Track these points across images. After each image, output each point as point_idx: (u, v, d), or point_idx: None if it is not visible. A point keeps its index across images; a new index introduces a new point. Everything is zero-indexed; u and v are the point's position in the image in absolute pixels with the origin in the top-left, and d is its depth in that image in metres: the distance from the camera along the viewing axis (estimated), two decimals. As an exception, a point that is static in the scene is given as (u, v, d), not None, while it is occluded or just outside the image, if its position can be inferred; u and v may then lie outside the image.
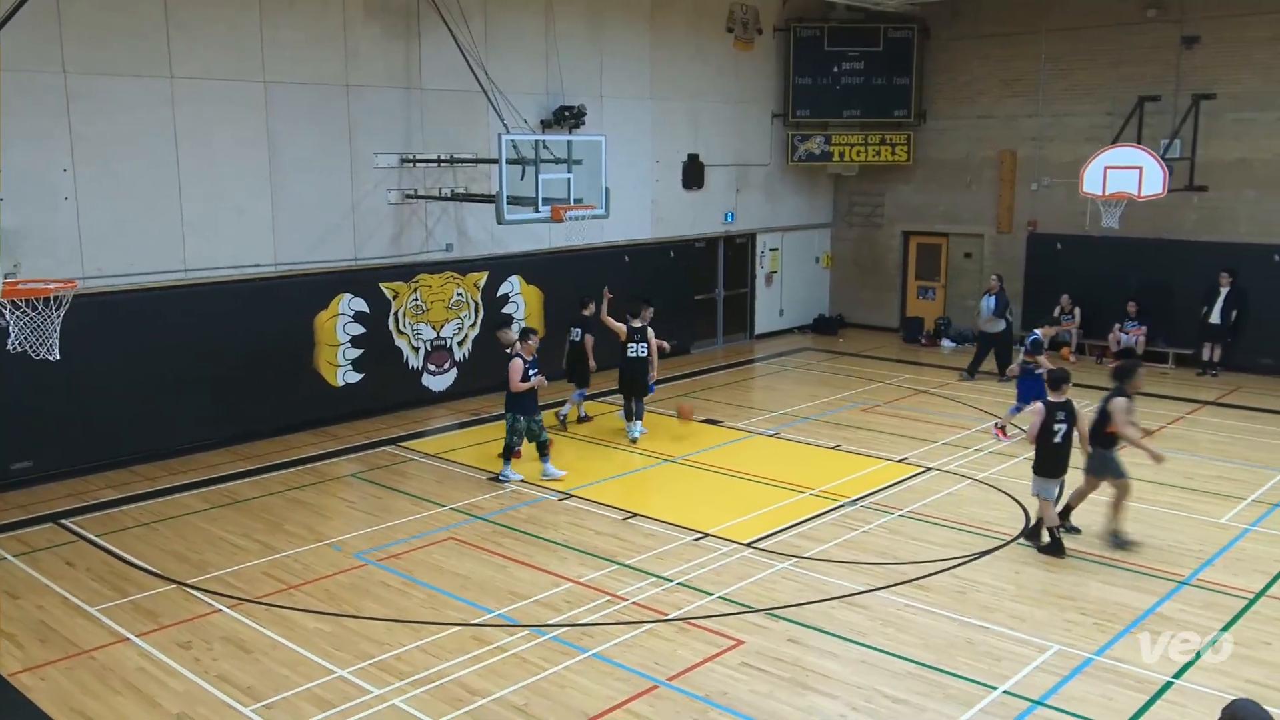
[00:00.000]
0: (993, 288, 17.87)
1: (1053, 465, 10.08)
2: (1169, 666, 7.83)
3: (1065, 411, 10.04)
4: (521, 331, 12.64)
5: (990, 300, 17.68)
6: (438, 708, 7.31)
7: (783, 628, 8.57)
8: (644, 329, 14.14)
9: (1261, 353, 18.02)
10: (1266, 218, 17.91)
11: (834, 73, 21.34)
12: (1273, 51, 17.51)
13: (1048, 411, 10.00)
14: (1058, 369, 10.70)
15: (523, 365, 12.06)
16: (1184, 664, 7.91)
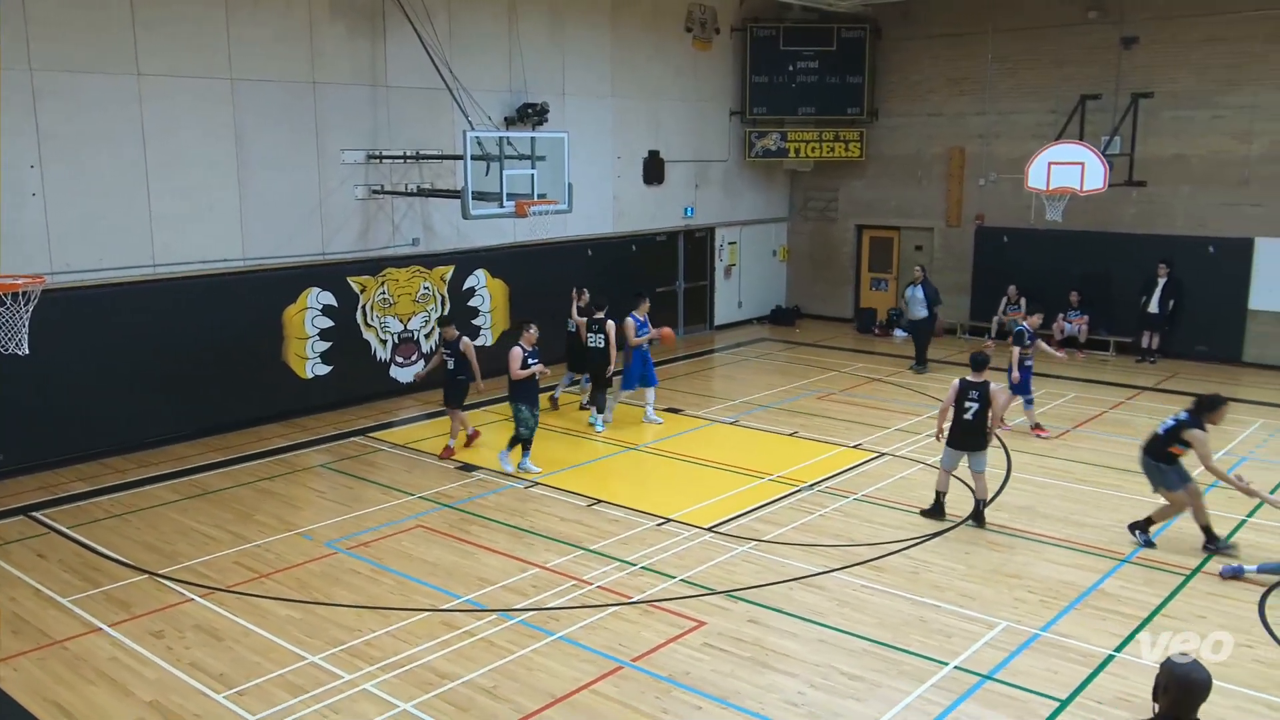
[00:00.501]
0: (918, 278, 17.94)
1: (959, 439, 10.45)
2: (1112, 641, 7.96)
3: (979, 391, 10.38)
4: (521, 322, 12.67)
5: (917, 289, 17.75)
6: (408, 691, 7.27)
7: (743, 609, 8.61)
8: (603, 320, 14.14)
9: (1197, 340, 18.33)
10: (1201, 212, 18.20)
11: (789, 71, 21.40)
12: (1207, 52, 17.77)
13: (962, 389, 10.39)
14: (978, 352, 10.97)
15: (522, 354, 12.03)
16: (1124, 637, 8.05)
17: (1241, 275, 17.85)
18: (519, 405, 12.08)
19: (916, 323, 17.92)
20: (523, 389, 12.09)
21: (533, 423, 12.14)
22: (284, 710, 7.04)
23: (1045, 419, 14.43)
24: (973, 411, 10.36)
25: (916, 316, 17.82)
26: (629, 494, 11.46)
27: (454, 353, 12.64)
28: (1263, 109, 17.38)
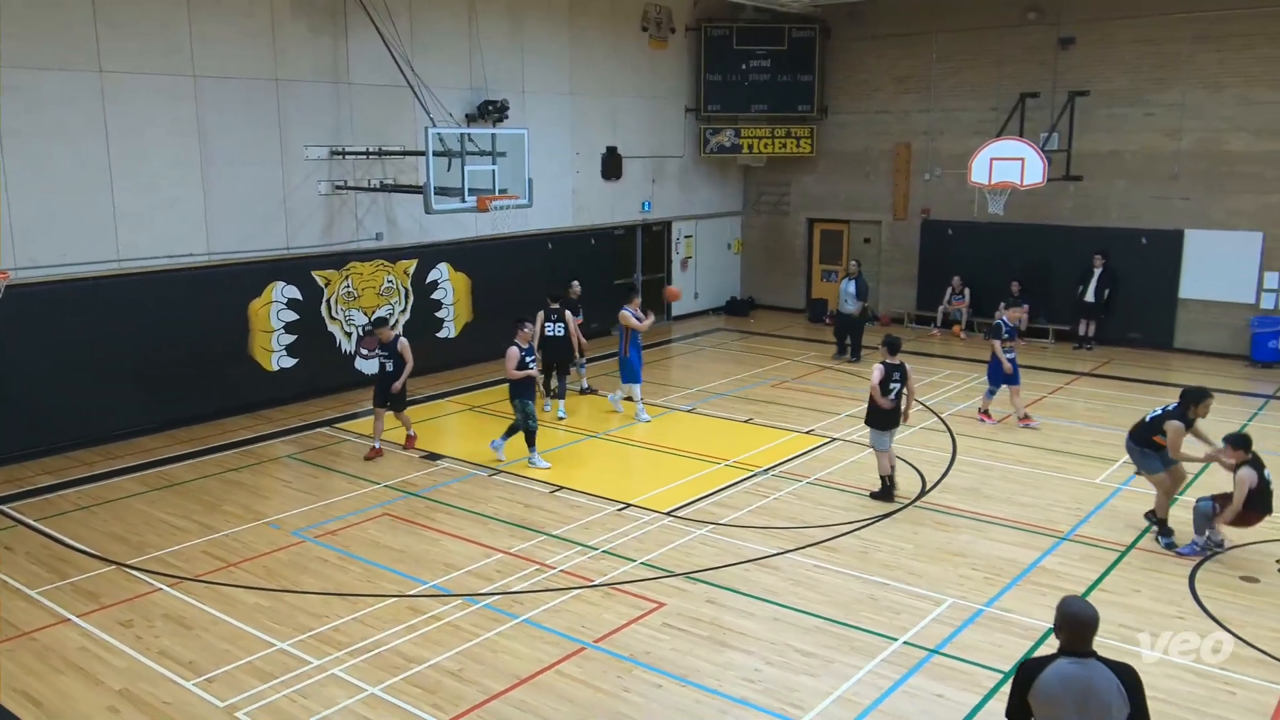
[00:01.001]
0: (852, 272, 17.89)
1: (884, 419, 10.67)
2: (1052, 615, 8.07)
3: (899, 373, 10.65)
4: (517, 319, 12.38)
5: (850, 284, 17.60)
6: (376, 675, 7.23)
7: (701, 590, 8.64)
8: (561, 310, 14.18)
9: (1131, 328, 18.66)
10: (1135, 205, 18.51)
11: (742, 70, 21.43)
12: (1139, 52, 18.05)
13: (885, 371, 10.59)
14: (892, 336, 11.13)
15: (519, 353, 11.83)
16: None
17: (1172, 265, 18.19)
18: (523, 400, 11.82)
19: (849, 316, 17.79)
20: (521, 385, 11.86)
21: (529, 417, 11.89)
22: (253, 696, 6.97)
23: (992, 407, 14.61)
24: (895, 392, 10.66)
25: (849, 310, 17.71)
26: (590, 480, 11.46)
27: (391, 354, 12.13)
28: (1190, 107, 17.70)
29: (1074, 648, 4.33)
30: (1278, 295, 17.33)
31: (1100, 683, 4.23)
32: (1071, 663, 4.30)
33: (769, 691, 7.04)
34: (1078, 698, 4.24)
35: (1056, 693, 4.27)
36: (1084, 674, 4.26)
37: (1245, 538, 9.55)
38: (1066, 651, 4.35)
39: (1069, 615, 4.36)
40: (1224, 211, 17.65)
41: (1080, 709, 4.24)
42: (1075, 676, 4.26)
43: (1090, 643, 4.35)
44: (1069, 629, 4.35)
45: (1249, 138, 17.25)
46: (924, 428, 13.48)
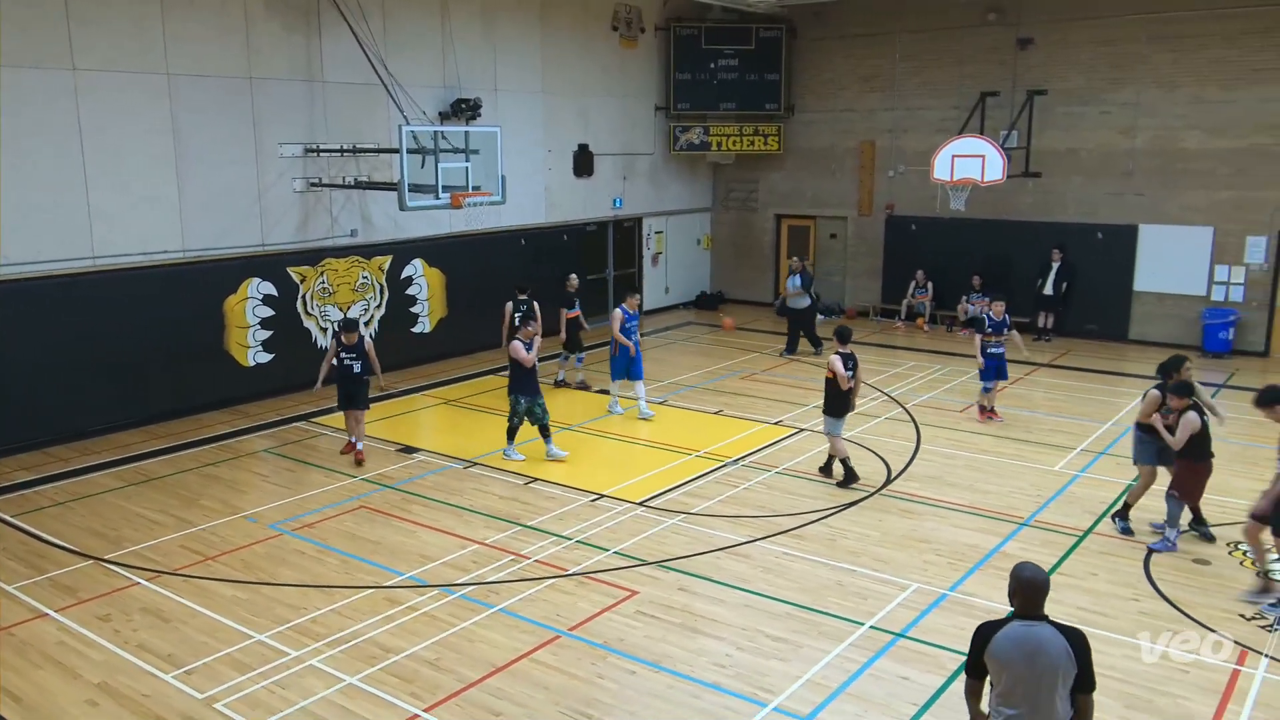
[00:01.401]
0: (796, 267, 17.76)
1: (839, 406, 10.90)
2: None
3: (852, 361, 10.90)
4: (523, 316, 12.07)
5: (795, 280, 17.50)
6: (354, 665, 7.20)
7: (673, 578, 8.67)
8: (529, 303, 14.31)
9: (1088, 320, 18.88)
10: (1091, 201, 18.71)
11: (711, 69, 21.45)
12: (1094, 53, 18.23)
13: (843, 361, 10.86)
14: (842, 326, 11.32)
15: (521, 347, 11.60)
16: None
17: (1127, 259, 18.41)
18: (518, 397, 11.64)
19: (799, 311, 17.61)
20: (522, 382, 11.64)
21: (539, 411, 11.66)
22: (232, 688, 6.92)
23: (951, 395, 14.76)
24: (850, 378, 10.91)
25: (799, 306, 17.54)
26: (564, 472, 11.45)
27: (359, 354, 11.78)
28: (1145, 106, 17.91)
29: (1026, 611, 4.56)
30: (1228, 288, 17.60)
31: (1049, 644, 4.46)
32: (1023, 625, 4.53)
33: (740, 676, 7.08)
34: (1028, 658, 4.46)
35: (1009, 652, 4.50)
36: (1034, 635, 4.49)
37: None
38: (1020, 615, 4.58)
39: (1022, 581, 4.58)
40: (1177, 207, 17.88)
41: (1030, 668, 4.46)
42: (1026, 638, 4.50)
43: (1041, 606, 4.56)
44: (1022, 594, 4.57)
45: (1201, 136, 17.48)
46: (889, 418, 13.58)
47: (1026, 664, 4.47)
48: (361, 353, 11.82)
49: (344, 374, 11.86)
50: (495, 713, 6.64)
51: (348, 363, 11.80)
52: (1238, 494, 10.62)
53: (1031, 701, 4.49)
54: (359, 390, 11.89)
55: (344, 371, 11.85)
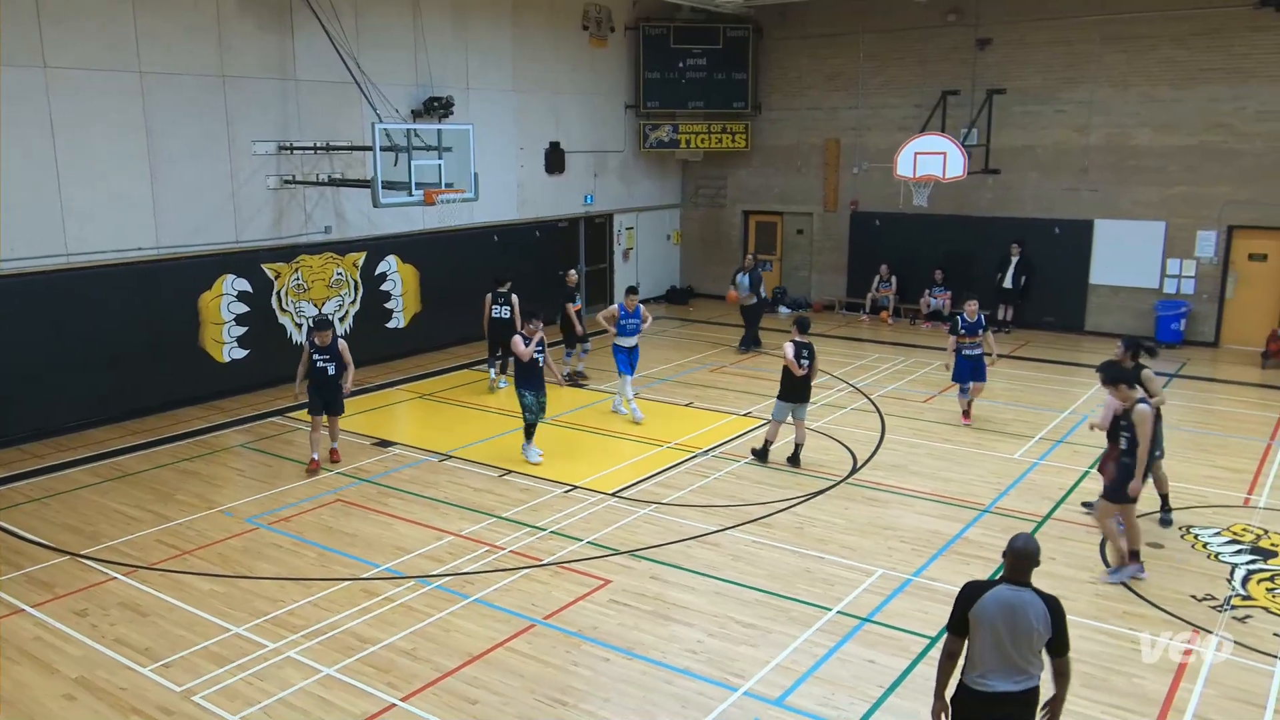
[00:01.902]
0: (747, 265, 17.61)
1: (792, 393, 11.11)
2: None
3: (809, 349, 11.06)
4: (526, 313, 11.70)
5: (744, 277, 17.27)
6: (331, 656, 7.15)
7: (645, 567, 8.68)
8: (508, 294, 14.28)
9: (1046, 312, 19.08)
10: (1048, 196, 18.90)
11: (680, 68, 21.43)
12: (1051, 53, 18.40)
13: (796, 349, 11.01)
14: (801, 315, 11.54)
15: (520, 341, 11.33)
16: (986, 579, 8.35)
17: (1083, 253, 18.63)
18: (523, 392, 11.37)
19: (747, 308, 17.36)
20: (528, 378, 11.37)
21: (537, 409, 11.40)
22: (210, 680, 6.85)
23: (914, 385, 14.87)
24: (806, 367, 11.05)
25: (749, 304, 17.32)
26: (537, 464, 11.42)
27: (333, 356, 11.11)
28: (1099, 104, 18.10)
29: (1013, 577, 4.91)
30: (1180, 280, 17.86)
31: (1028, 608, 4.81)
32: (1009, 589, 4.88)
33: (711, 661, 7.10)
34: (1008, 619, 4.81)
35: (991, 613, 4.84)
36: (1017, 599, 4.83)
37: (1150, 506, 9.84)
38: (1007, 579, 4.93)
39: (1014, 549, 4.94)
40: (1130, 202, 18.10)
41: (1009, 628, 4.80)
42: (1009, 600, 4.84)
43: (1028, 574, 4.90)
44: (1012, 559, 4.93)
45: (1152, 133, 17.70)
46: (854, 409, 13.66)
47: (1007, 625, 4.79)
48: (335, 353, 11.16)
49: (318, 377, 11.15)
50: (471, 701, 6.62)
51: (321, 364, 11.11)
52: (1192, 480, 10.79)
53: (1005, 660, 4.82)
54: (335, 395, 11.27)
55: (318, 375, 11.15)
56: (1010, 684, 4.84)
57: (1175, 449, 11.99)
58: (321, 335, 11.14)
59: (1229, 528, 9.48)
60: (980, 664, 4.88)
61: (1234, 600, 7.99)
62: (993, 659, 4.85)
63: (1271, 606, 7.88)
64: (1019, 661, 4.83)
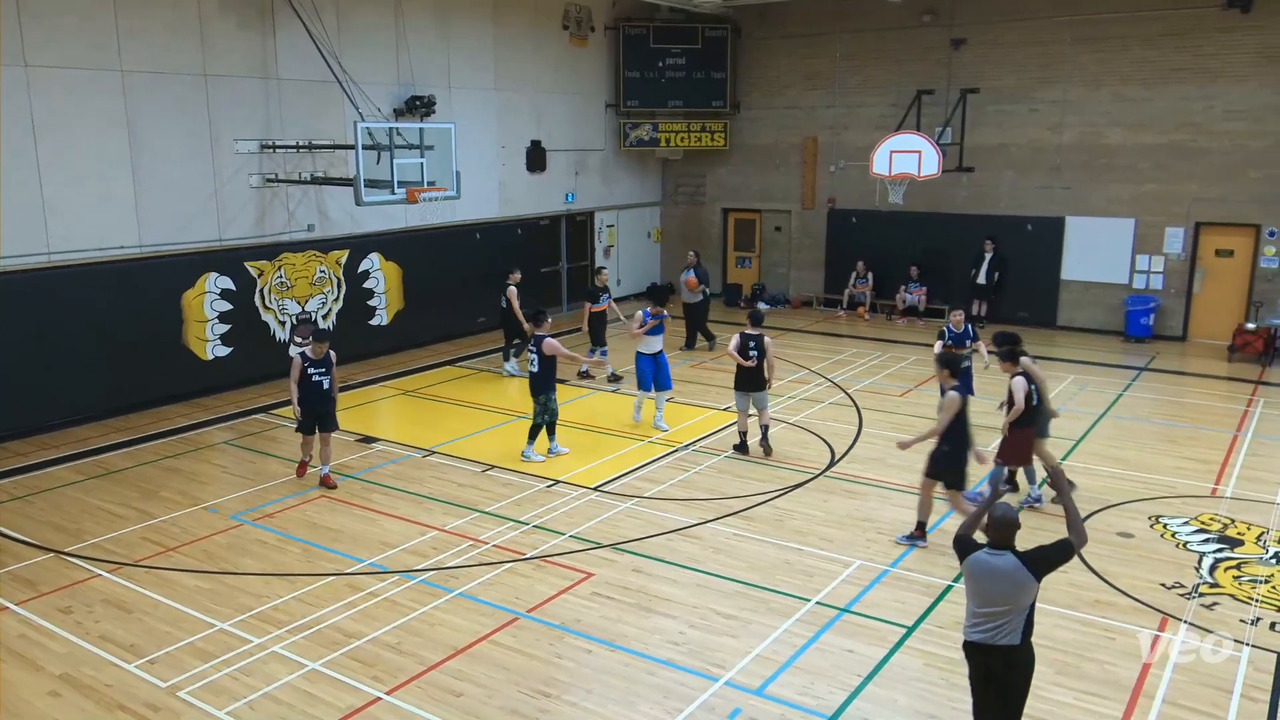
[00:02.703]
0: (691, 262, 17.23)
1: (743, 382, 11.33)
2: (950, 573, 8.32)
3: (756, 342, 11.23)
4: (536, 313, 11.33)
5: (690, 274, 16.83)
6: (316, 651, 7.13)
7: (628, 560, 8.69)
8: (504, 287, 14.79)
9: (1019, 307, 19.21)
10: (1021, 194, 19.02)
11: (659, 67, 21.43)
12: (1025, 54, 18.52)
13: (743, 341, 11.25)
14: (755, 309, 11.80)
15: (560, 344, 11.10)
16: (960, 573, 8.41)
17: (1055, 250, 18.77)
18: (549, 396, 11.11)
19: (693, 305, 16.91)
20: (549, 380, 11.09)
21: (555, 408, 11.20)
22: (195, 675, 6.82)
23: (891, 380, 14.94)
24: (755, 358, 11.22)
25: (693, 301, 16.86)
26: (520, 460, 11.40)
27: (327, 369, 10.38)
28: (1071, 104, 18.24)
29: (996, 543, 5.37)
30: (1149, 276, 18.03)
31: (1006, 567, 5.27)
32: (988, 554, 5.36)
33: (693, 653, 7.12)
34: (989, 579, 5.31)
35: (976, 573, 5.37)
36: (996, 561, 5.31)
37: (1120, 496, 9.95)
38: (991, 545, 5.38)
39: (994, 519, 5.39)
40: (1101, 200, 18.26)
41: (992, 586, 5.30)
42: (987, 563, 5.34)
43: (1010, 540, 5.35)
44: (993, 529, 5.38)
45: (1124, 132, 17.85)
46: (832, 403, 13.72)
47: (989, 583, 5.31)
48: (330, 366, 10.43)
49: (312, 392, 10.33)
50: (456, 694, 6.62)
51: (316, 379, 10.34)
52: (1161, 470, 10.91)
53: (993, 606, 5.31)
54: (329, 410, 10.51)
55: (312, 389, 10.33)
56: (986, 637, 5.33)
57: (1145, 440, 12.14)
58: (317, 347, 10.37)
59: (1197, 517, 9.59)
60: (977, 604, 5.37)
61: (1202, 588, 8.09)
62: (986, 606, 5.32)
63: (1238, 594, 7.98)
64: (1005, 611, 5.27)
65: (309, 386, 10.35)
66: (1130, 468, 11.06)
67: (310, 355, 10.38)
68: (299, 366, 10.32)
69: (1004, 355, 9.70)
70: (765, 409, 11.54)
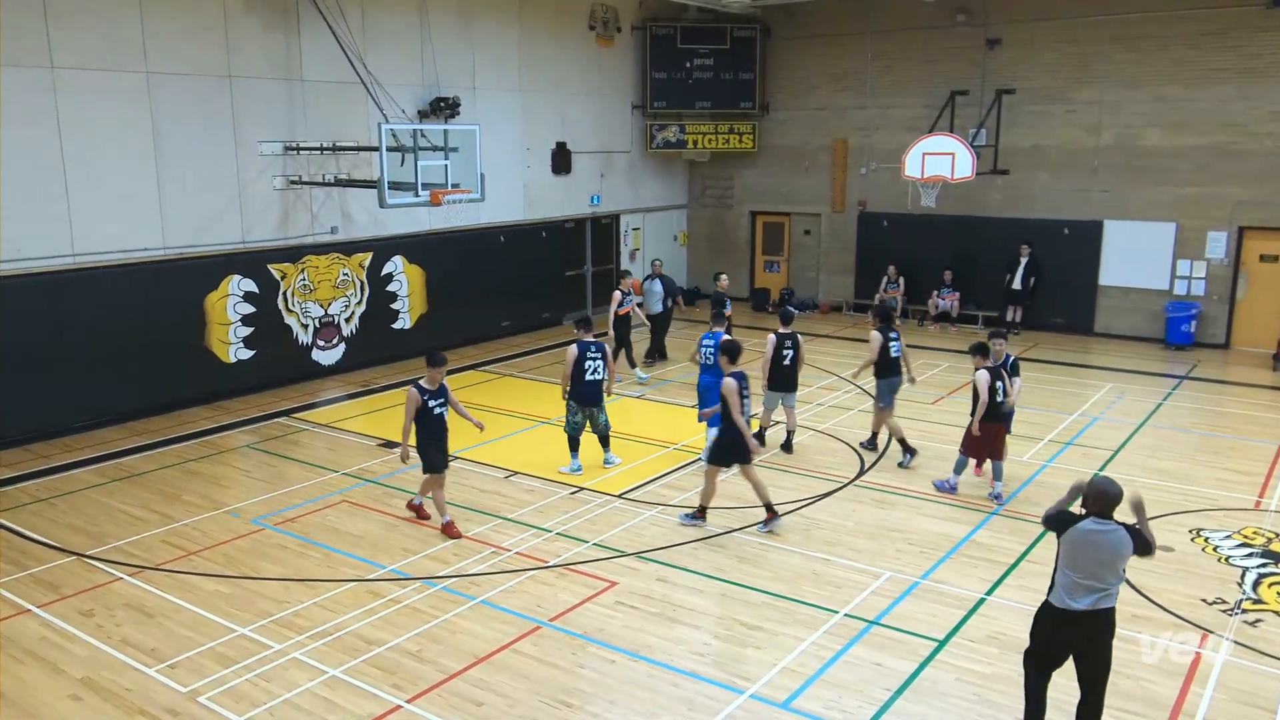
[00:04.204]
0: (656, 271, 16.80)
1: (779, 382, 11.59)
2: (983, 585, 8.24)
3: (792, 341, 11.58)
4: (584, 319, 11.12)
5: (654, 284, 16.44)
6: (336, 658, 7.17)
7: (652, 569, 8.68)
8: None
9: (1055, 313, 19.04)
10: (1057, 197, 18.85)
11: (686, 68, 21.44)
12: (1060, 53, 18.36)
13: (778, 340, 11.53)
14: (785, 308, 12.08)
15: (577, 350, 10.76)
16: (994, 582, 8.35)
17: (1092, 254, 18.57)
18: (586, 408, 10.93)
19: (655, 316, 16.31)
20: (582, 390, 10.86)
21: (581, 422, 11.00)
22: (216, 680, 6.87)
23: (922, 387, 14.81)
24: (789, 358, 11.53)
25: (654, 311, 16.31)
26: (543, 465, 11.42)
27: (445, 398, 9.45)
28: (1109, 105, 18.06)
29: (1101, 514, 5.68)
30: (1190, 282, 17.80)
31: (1116, 537, 5.63)
32: (1095, 523, 5.67)
33: (717, 664, 7.10)
34: (1100, 546, 5.63)
35: (1084, 541, 5.67)
36: (1102, 530, 5.64)
37: (1160, 509, 9.82)
38: (1098, 514, 5.67)
39: (1100, 491, 5.67)
40: (1140, 203, 18.05)
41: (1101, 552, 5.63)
42: (1097, 532, 5.65)
43: (1112, 511, 5.66)
44: (1099, 500, 5.67)
45: (1162, 133, 17.65)
46: (862, 410, 13.64)
47: (1100, 550, 5.62)
48: (447, 395, 9.48)
49: (434, 426, 9.32)
50: (477, 703, 6.63)
51: (437, 411, 9.33)
52: (1202, 482, 10.76)
53: (1103, 572, 5.63)
54: (445, 445, 9.54)
55: (434, 424, 9.31)
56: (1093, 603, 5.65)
57: (1186, 451, 11.99)
58: (433, 374, 9.28)
59: (1240, 531, 9.45)
60: (1073, 569, 5.67)
61: (1244, 604, 7.97)
62: (1085, 572, 5.65)
63: (1283, 610, 7.85)
64: (1106, 576, 5.65)
65: (430, 421, 9.28)
66: (1170, 479, 10.92)
67: (426, 385, 9.27)
68: (417, 400, 9.18)
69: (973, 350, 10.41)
70: (793, 408, 11.78)
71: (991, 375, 10.10)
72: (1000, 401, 10.12)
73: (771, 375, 11.60)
